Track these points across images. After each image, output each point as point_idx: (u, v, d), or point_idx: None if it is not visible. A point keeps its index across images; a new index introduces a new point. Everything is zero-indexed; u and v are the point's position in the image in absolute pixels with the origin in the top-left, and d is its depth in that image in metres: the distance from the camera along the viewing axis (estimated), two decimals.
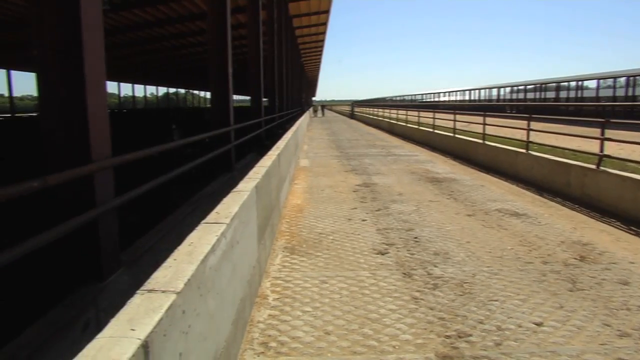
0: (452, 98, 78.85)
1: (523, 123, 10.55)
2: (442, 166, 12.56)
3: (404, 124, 24.92)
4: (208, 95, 76.47)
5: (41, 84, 3.19)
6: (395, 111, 30.73)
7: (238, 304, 3.22)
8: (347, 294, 4.18)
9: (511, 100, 60.91)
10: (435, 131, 18.11)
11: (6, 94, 32.85)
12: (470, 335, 3.43)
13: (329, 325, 3.61)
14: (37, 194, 2.43)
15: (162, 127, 12.65)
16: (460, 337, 3.41)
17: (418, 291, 4.20)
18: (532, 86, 57.87)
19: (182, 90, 65.18)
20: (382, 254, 5.23)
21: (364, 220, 6.68)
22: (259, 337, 3.47)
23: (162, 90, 61.61)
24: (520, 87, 60.55)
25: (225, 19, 7.82)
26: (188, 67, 39.76)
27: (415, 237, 5.83)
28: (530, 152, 10.13)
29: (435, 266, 4.82)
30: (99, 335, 1.58)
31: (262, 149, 9.26)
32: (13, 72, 30.97)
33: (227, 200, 3.42)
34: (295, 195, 8.48)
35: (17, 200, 2.32)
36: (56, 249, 2.97)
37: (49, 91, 3.16)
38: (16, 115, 27.02)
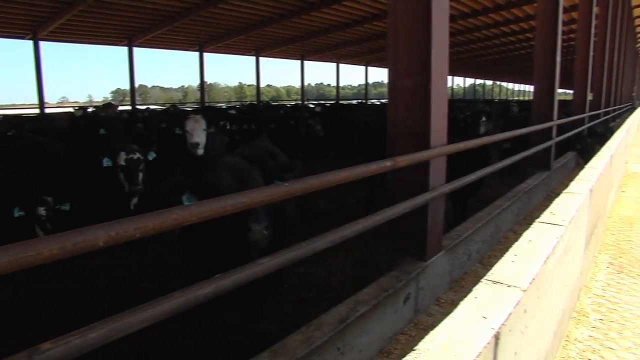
0: None
1: None
2: None
3: None
4: (516, 87, 72.97)
5: (391, 74, 3.53)
6: None
7: (560, 314, 2.96)
8: None
9: None
10: None
11: (333, 83, 38.24)
12: None
13: None
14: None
15: (470, 118, 12.65)
16: None
17: None
18: None
19: (489, 82, 63.79)
20: None
21: None
22: (576, 358, 3.12)
23: (468, 81, 61.73)
24: None
25: (557, 3, 7.20)
26: (495, 58, 38.60)
27: None
28: None
29: None
30: (453, 315, 1.65)
31: (584, 148, 8.27)
32: (341, 65, 35.74)
33: (560, 201, 3.15)
34: (623, 205, 7.28)
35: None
36: (392, 223, 3.28)
37: (396, 81, 3.48)
38: (340, 102, 31.20)
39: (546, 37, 7.17)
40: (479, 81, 61.86)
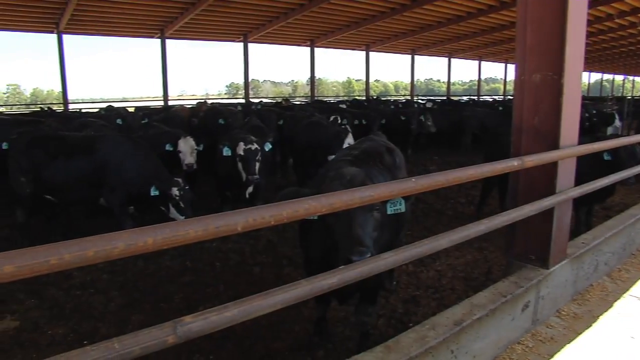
0: None
1: None
2: None
3: None
4: None
5: (518, 69, 3.33)
6: None
7: None
8: None
9: None
10: None
11: (443, 79, 37.07)
12: None
13: None
14: None
15: (596, 117, 11.64)
16: None
17: None
18: None
19: (619, 77, 57.78)
20: None
21: None
22: None
23: (593, 77, 56.31)
24: None
25: None
26: (629, 50, 34.76)
27: None
28: None
29: None
30: (593, 330, 1.53)
31: None
32: (452, 60, 34.53)
33: None
34: None
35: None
36: (509, 226, 3.11)
37: (524, 76, 3.27)
38: (450, 98, 30.25)
39: None
40: (606, 76, 56.20)
